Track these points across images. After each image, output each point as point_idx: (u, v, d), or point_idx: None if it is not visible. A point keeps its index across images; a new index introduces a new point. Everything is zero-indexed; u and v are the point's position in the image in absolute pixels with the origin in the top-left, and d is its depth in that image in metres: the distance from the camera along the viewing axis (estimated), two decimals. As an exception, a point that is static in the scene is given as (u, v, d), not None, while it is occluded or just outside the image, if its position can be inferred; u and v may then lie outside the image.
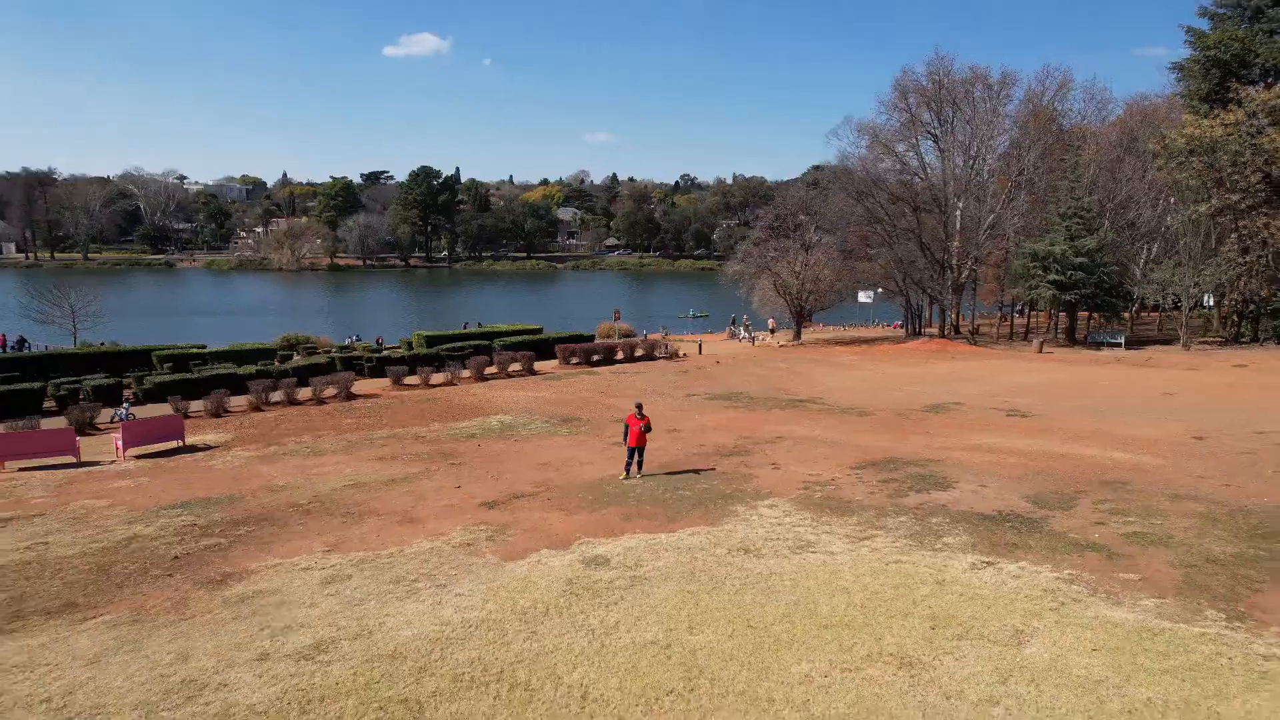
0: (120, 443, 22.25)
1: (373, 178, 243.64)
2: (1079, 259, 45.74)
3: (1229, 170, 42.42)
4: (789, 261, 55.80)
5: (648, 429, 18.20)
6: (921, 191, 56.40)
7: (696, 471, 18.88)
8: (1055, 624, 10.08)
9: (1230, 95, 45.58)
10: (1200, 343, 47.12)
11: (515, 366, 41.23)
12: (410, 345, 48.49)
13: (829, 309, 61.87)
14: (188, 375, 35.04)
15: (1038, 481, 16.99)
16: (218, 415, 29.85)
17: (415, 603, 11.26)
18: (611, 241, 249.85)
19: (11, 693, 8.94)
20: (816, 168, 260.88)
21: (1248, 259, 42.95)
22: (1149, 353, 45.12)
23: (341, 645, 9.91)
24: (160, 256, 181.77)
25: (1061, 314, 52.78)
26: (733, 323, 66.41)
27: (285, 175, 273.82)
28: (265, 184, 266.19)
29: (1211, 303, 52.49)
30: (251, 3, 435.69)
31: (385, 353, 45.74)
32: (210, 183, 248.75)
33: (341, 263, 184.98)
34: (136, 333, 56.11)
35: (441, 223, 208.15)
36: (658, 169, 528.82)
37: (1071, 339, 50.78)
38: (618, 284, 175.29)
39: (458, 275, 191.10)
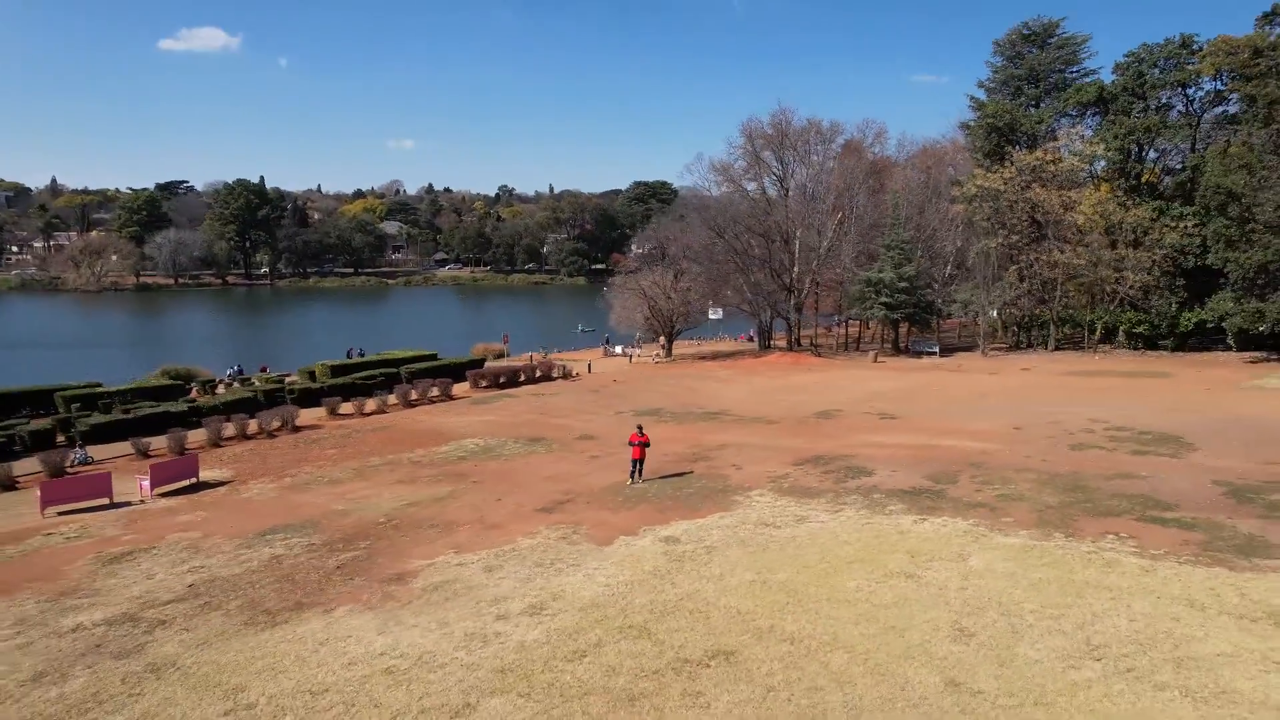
0: (148, 483, 24.17)
1: (169, 188, 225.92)
2: (902, 284, 55.96)
3: (1008, 215, 54.23)
4: (662, 285, 62.39)
5: (647, 444, 23.48)
6: (770, 226, 65.03)
7: (681, 475, 24.32)
8: (978, 549, 16.61)
9: (1005, 154, 57.78)
10: (992, 348, 58.92)
11: (434, 392, 44.44)
12: (313, 375, 49.79)
13: (695, 327, 69.13)
14: (123, 416, 35.51)
15: (927, 466, 24.04)
16: (181, 453, 31.39)
17: (570, 576, 15.91)
18: (440, 255, 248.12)
19: (349, 652, 12.80)
20: (639, 183, 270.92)
21: (1024, 284, 55.08)
22: (958, 359, 56.01)
23: (550, 605, 14.48)
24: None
25: (886, 327, 63.31)
26: (607, 341, 72.20)
27: (55, 181, 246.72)
28: (30, 190, 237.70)
29: (995, 314, 65.10)
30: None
31: (295, 383, 47.00)
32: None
33: (149, 281, 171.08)
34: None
35: (262, 238, 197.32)
36: (473, 179, 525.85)
37: (896, 348, 61.34)
38: (454, 300, 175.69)
39: (281, 294, 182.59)
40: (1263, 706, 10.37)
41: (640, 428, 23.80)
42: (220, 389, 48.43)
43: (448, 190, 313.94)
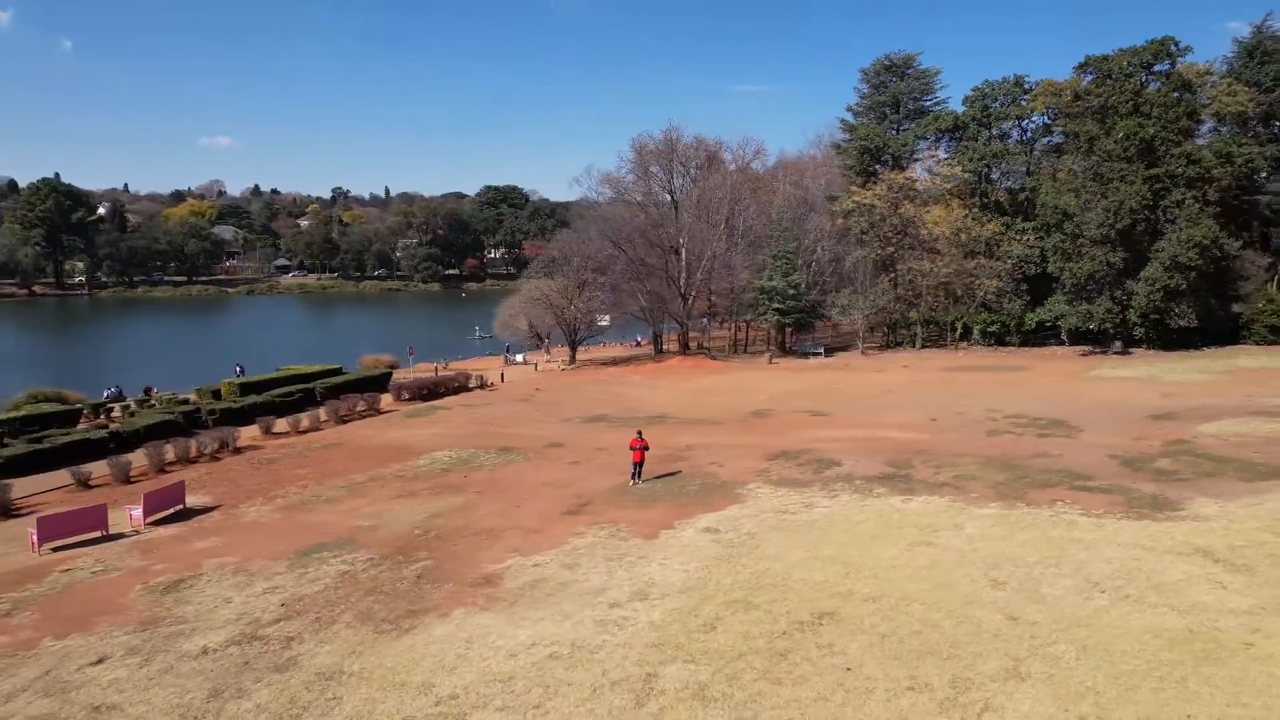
0: (139, 512, 23.51)
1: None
2: (792, 291, 61.13)
3: (882, 228, 60.80)
4: (567, 294, 64.29)
5: (647, 448, 25.74)
6: (665, 237, 68.54)
7: (672, 475, 26.70)
8: (967, 519, 20.26)
9: (874, 172, 64.55)
10: (867, 347, 65.46)
11: (361, 406, 44.14)
12: (218, 394, 47.71)
13: (596, 335, 71.40)
14: (39, 447, 33.19)
15: (881, 455, 27.84)
16: (127, 481, 30.14)
17: (647, 566, 17.96)
18: (282, 262, 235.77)
19: (501, 646, 14.30)
20: (490, 188, 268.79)
21: (896, 290, 61.92)
22: (842, 359, 61.88)
23: (649, 591, 16.51)
24: None
25: (772, 330, 68.56)
26: (508, 350, 73.03)
27: None
28: None
29: (863, 316, 72.14)
30: None
31: (211, 404, 44.95)
32: None
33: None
34: None
35: (77, 244, 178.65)
36: (302, 181, 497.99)
37: (784, 350, 66.64)
38: (306, 310, 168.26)
39: (103, 305, 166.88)
40: (1223, 611, 14.31)
41: (640, 433, 26.04)
42: (116, 411, 45.42)
43: (275, 192, 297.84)
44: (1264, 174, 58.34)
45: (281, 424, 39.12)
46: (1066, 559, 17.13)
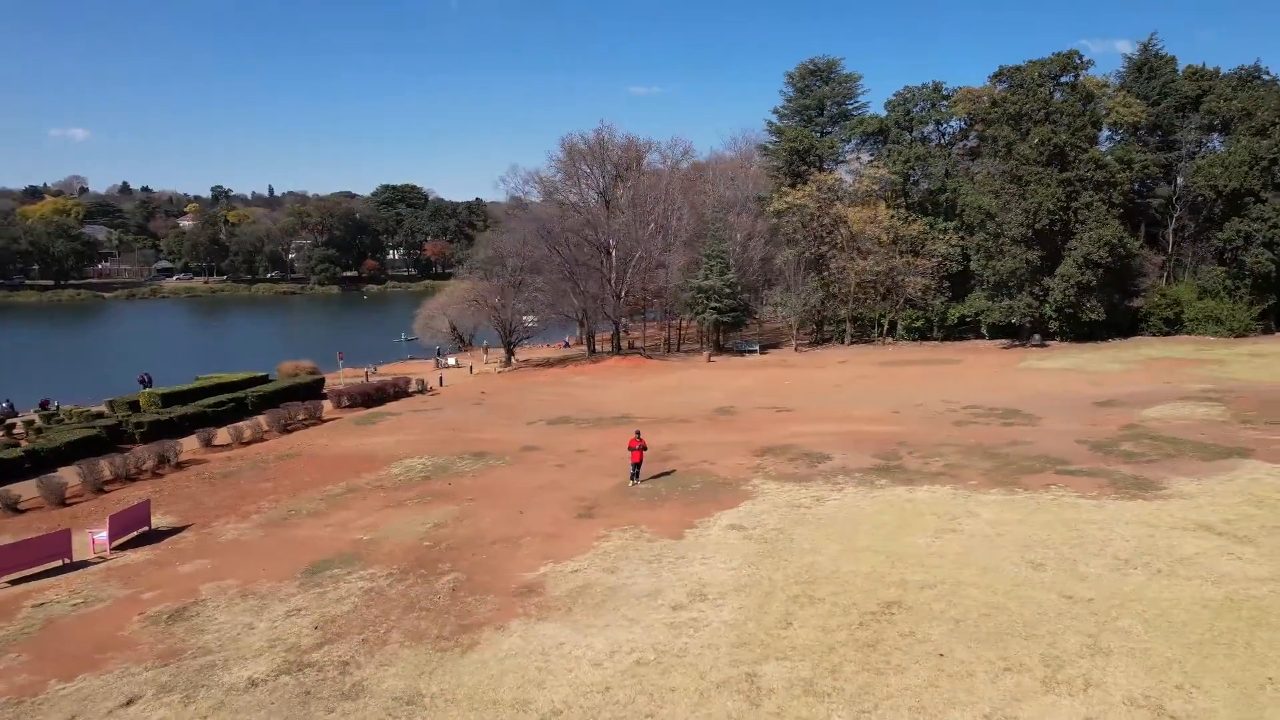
0: (104, 536, 21.44)
1: None
2: (728, 290, 62.03)
3: (814, 227, 62.59)
4: (504, 294, 63.03)
5: (645, 449, 25.50)
6: (598, 238, 68.23)
7: (668, 474, 26.54)
8: (978, 506, 21.07)
9: (802, 173, 66.34)
10: (799, 344, 67.18)
11: (301, 415, 41.88)
12: (137, 406, 44.17)
13: (530, 336, 70.27)
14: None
15: (865, 448, 28.58)
16: (62, 504, 27.56)
17: (690, 566, 17.76)
18: (164, 264, 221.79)
19: (579, 656, 13.83)
20: (388, 187, 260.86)
21: (827, 288, 63.87)
22: (777, 356, 63.28)
23: (706, 592, 16.34)
24: None
25: (707, 328, 69.38)
26: (439, 353, 70.88)
27: None
28: None
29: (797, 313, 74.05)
30: None
31: (134, 418, 41.50)
32: None
33: None
34: None
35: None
36: (176, 179, 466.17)
37: (719, 348, 67.53)
38: (196, 315, 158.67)
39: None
40: (1249, 580, 15.45)
41: (638, 433, 25.79)
42: (19, 428, 41.22)
43: (148, 190, 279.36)
44: (1156, 179, 63.59)
45: (223, 435, 36.61)
46: (1087, 539, 18.06)
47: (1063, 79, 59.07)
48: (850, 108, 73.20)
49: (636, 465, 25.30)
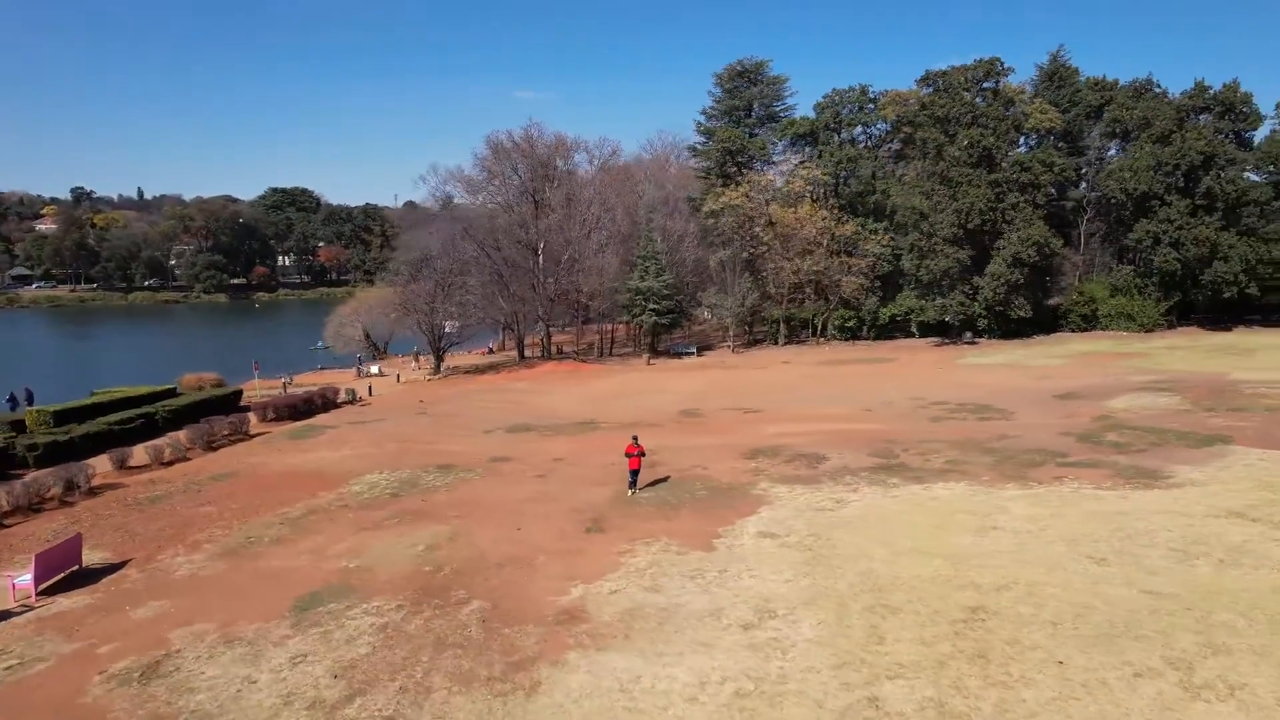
0: (29, 578, 18.04)
1: None
2: (666, 291, 61.03)
3: (749, 227, 62.45)
4: (432, 299, 59.87)
5: (644, 455, 23.92)
6: (527, 237, 66.02)
7: (663, 481, 25.00)
8: (1005, 502, 20.57)
9: (732, 174, 66.22)
10: (735, 346, 66.94)
11: (227, 431, 38.10)
12: (22, 426, 39.03)
13: (461, 341, 67.19)
14: None
15: (858, 446, 27.92)
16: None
17: (741, 580, 16.34)
18: (21, 271, 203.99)
19: (664, 690, 12.20)
20: (276, 190, 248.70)
21: (763, 289, 63.84)
22: (715, 357, 62.73)
23: (773, 608, 14.96)
24: None
25: (642, 331, 68.20)
26: (360, 361, 66.77)
27: None
28: None
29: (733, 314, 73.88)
30: None
31: (22, 439, 36.52)
32: None
33: None
34: None
35: None
36: (25, 179, 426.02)
37: (655, 351, 66.43)
38: (62, 325, 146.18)
39: None
40: (1308, 565, 15.39)
41: (635, 438, 24.11)
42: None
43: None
44: (1071, 182, 66.92)
45: (139, 455, 32.55)
46: (1131, 531, 17.75)
47: (985, 84, 61.34)
48: (778, 109, 73.81)
49: (634, 473, 23.67)
